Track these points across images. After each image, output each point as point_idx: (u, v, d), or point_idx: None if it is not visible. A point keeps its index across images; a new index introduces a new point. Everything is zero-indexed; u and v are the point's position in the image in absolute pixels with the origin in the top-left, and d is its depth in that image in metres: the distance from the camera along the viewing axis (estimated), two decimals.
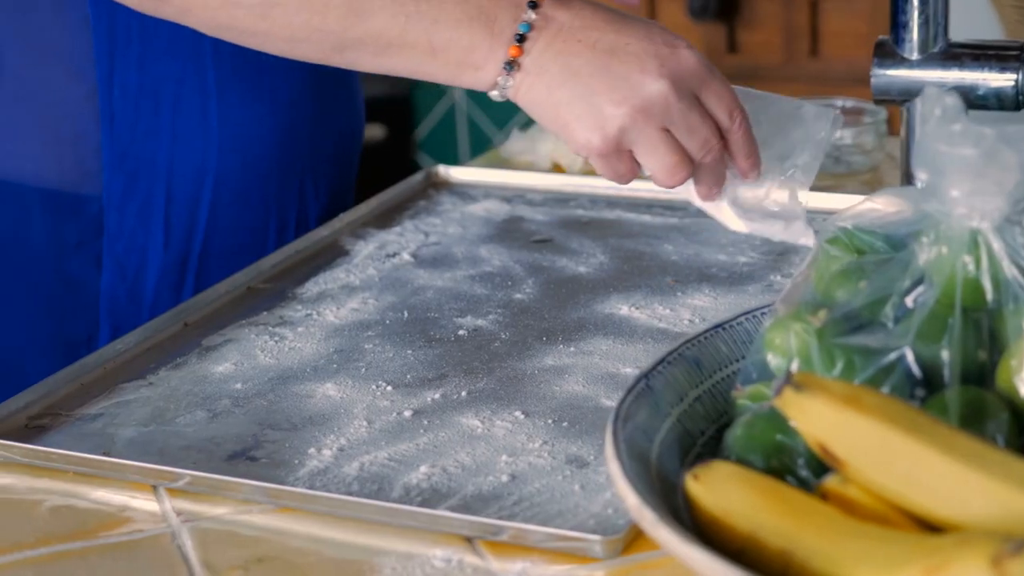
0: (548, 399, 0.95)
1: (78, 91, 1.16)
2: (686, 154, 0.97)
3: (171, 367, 1.03)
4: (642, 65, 0.94)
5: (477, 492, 0.85)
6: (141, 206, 1.20)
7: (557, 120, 0.96)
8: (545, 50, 0.95)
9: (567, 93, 0.95)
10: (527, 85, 0.96)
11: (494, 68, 0.95)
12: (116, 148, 1.17)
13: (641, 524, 0.67)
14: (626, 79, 0.94)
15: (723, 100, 0.98)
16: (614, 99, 0.94)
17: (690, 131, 0.96)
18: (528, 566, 0.78)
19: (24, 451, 0.91)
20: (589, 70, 0.95)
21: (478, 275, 1.16)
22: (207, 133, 1.20)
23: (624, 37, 0.95)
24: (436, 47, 0.96)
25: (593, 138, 0.95)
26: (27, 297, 1.20)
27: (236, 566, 0.80)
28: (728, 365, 0.83)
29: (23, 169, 1.17)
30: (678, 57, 0.95)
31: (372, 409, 0.95)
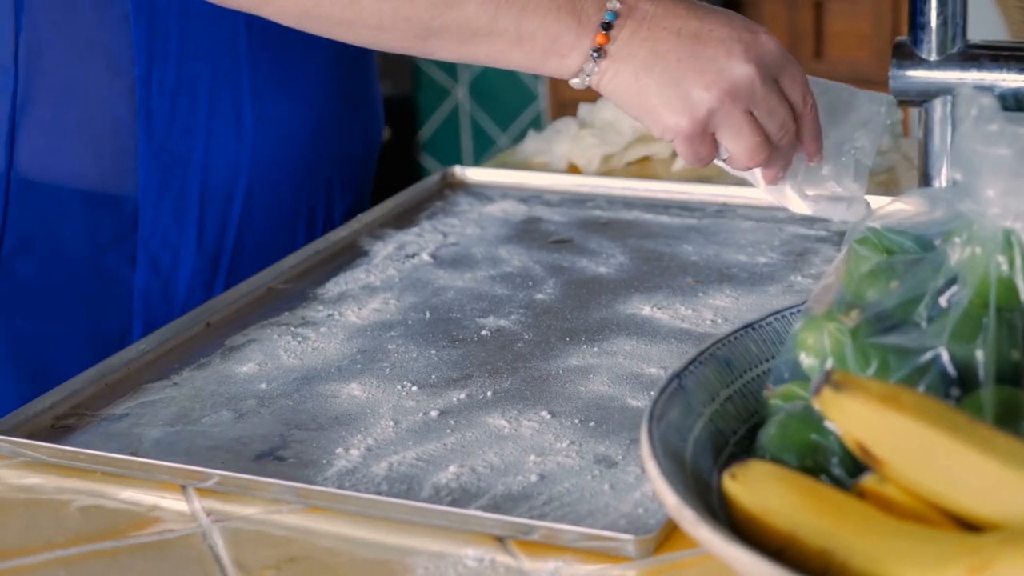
0: (574, 399, 0.95)
1: (116, 87, 1.17)
2: (766, 136, 1.00)
3: (195, 367, 1.03)
4: (728, 49, 0.98)
5: (507, 492, 0.85)
6: (176, 203, 1.20)
7: (643, 105, 0.99)
8: (631, 38, 0.97)
9: (654, 78, 0.97)
10: (612, 72, 0.98)
11: (580, 56, 0.98)
12: (152, 145, 1.18)
13: (681, 524, 0.67)
14: (713, 63, 0.97)
15: (798, 84, 1.01)
16: (703, 83, 0.97)
17: (771, 113, 0.99)
18: (560, 566, 0.79)
19: (52, 451, 0.91)
20: (676, 55, 0.97)
21: (498, 275, 1.16)
22: (241, 131, 1.21)
23: (707, 24, 0.98)
24: (523, 35, 0.98)
25: (682, 121, 0.98)
26: (63, 292, 1.21)
27: (268, 566, 0.80)
28: (758, 365, 0.83)
29: (61, 164, 1.18)
30: (760, 42, 0.99)
31: (398, 409, 0.95)
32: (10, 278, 1.19)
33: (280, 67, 1.22)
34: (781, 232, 1.22)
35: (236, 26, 1.19)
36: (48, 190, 1.18)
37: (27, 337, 1.21)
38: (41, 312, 1.21)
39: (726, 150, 1.01)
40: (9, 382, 1.21)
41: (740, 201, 1.29)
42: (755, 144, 1.00)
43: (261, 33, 1.21)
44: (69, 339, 1.22)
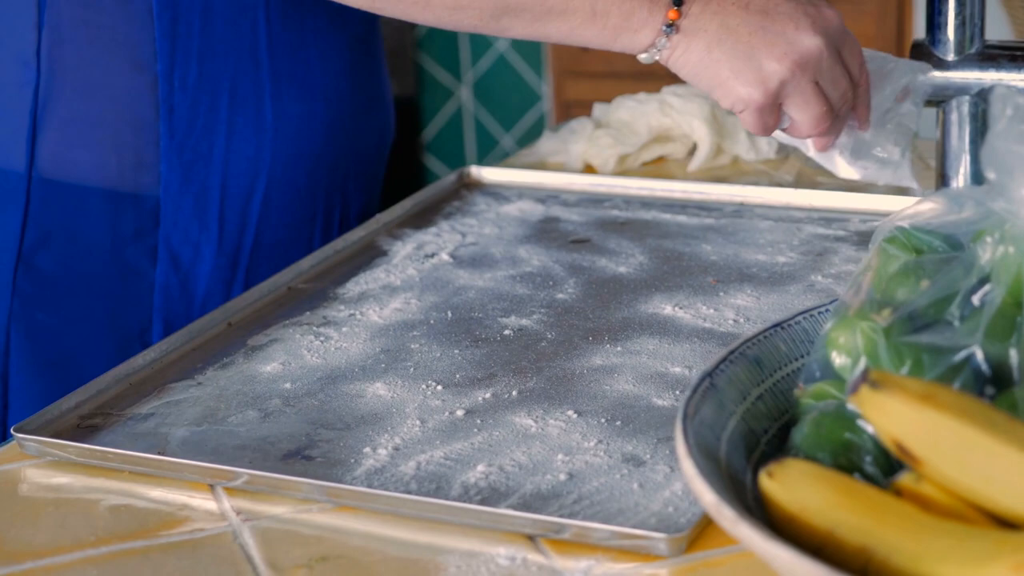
0: (599, 398, 0.95)
1: (139, 83, 1.17)
2: (831, 105, 1.05)
3: (218, 367, 1.03)
4: (796, 23, 1.02)
5: (536, 491, 0.85)
6: (197, 198, 1.21)
7: (715, 78, 1.03)
8: (702, 13, 1.02)
9: (726, 52, 1.02)
10: (684, 46, 1.02)
11: (652, 31, 1.01)
12: (174, 140, 1.19)
13: (720, 522, 0.67)
14: (783, 36, 1.02)
15: (856, 55, 1.07)
16: (774, 55, 1.02)
17: (834, 83, 1.05)
18: (592, 564, 0.79)
19: (80, 450, 0.91)
20: (747, 29, 1.02)
21: (519, 275, 1.16)
22: (261, 128, 1.21)
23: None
24: (597, 12, 1.01)
25: (755, 93, 1.03)
26: (83, 287, 1.21)
27: (300, 565, 0.80)
28: (788, 364, 0.84)
29: (83, 159, 1.18)
30: (824, 15, 1.04)
31: (424, 408, 0.95)
32: (31, 272, 1.20)
33: (299, 65, 1.23)
34: (799, 232, 1.22)
35: (257, 23, 1.20)
36: (70, 185, 1.19)
37: (48, 331, 1.21)
38: (62, 306, 1.21)
39: (789, 119, 1.06)
40: (29, 376, 1.21)
41: (757, 201, 1.29)
42: (821, 113, 1.05)
43: (281, 31, 1.21)
44: (89, 333, 1.22)
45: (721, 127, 1.41)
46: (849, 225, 1.23)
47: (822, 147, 1.11)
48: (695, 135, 1.40)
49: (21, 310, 1.20)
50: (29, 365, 1.21)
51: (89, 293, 1.22)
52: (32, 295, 1.20)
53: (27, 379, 1.22)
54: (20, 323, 1.21)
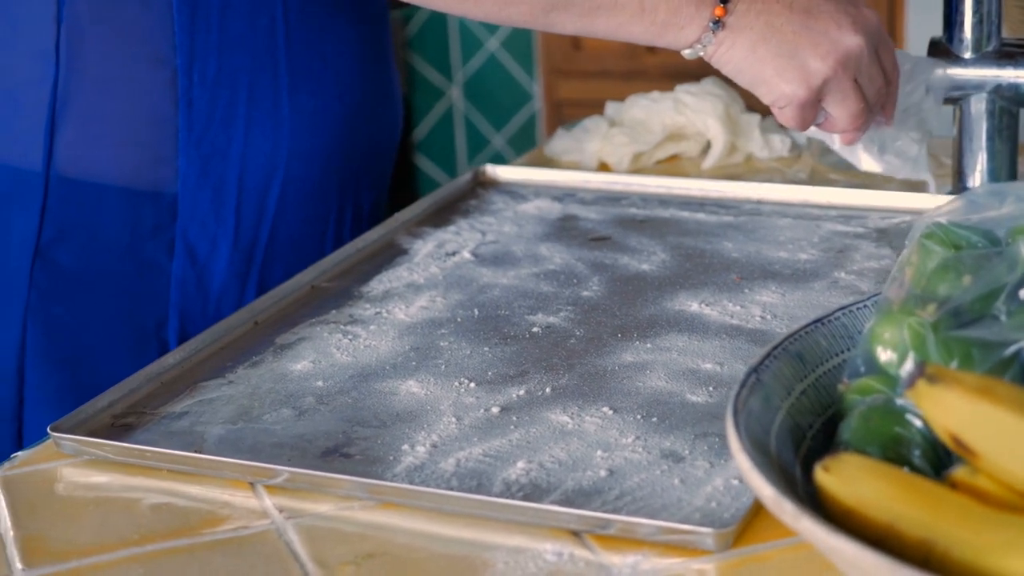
0: (633, 395, 0.96)
1: (158, 77, 1.17)
2: (867, 102, 1.08)
3: (248, 365, 1.03)
4: (838, 22, 1.05)
5: (577, 487, 0.85)
6: (214, 193, 1.21)
7: (759, 75, 1.06)
8: (747, 11, 1.04)
9: (771, 49, 1.04)
10: (729, 43, 1.04)
11: (698, 27, 1.04)
12: (192, 135, 1.19)
13: (780, 516, 0.68)
14: (826, 35, 1.05)
15: (890, 53, 1.10)
16: (818, 53, 1.05)
17: (871, 81, 1.08)
18: (639, 559, 0.79)
19: (118, 449, 0.91)
20: (791, 28, 1.04)
21: (542, 273, 1.17)
22: (279, 122, 1.22)
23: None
24: (645, 8, 1.03)
25: (799, 90, 1.06)
26: (101, 281, 1.21)
27: (347, 562, 0.80)
28: (829, 359, 0.84)
29: (101, 153, 1.18)
30: (864, 15, 1.07)
31: (459, 406, 0.95)
32: (48, 267, 1.20)
33: (315, 59, 1.23)
34: (819, 229, 1.23)
35: (275, 18, 1.20)
36: (88, 179, 1.19)
37: (64, 326, 1.21)
38: (78, 301, 1.21)
39: (825, 114, 1.09)
40: (46, 370, 1.21)
41: (775, 198, 1.30)
42: (859, 110, 1.08)
43: (298, 25, 1.22)
44: (106, 328, 1.22)
45: (735, 125, 1.42)
46: (867, 222, 1.24)
47: (849, 141, 1.13)
48: (709, 133, 1.41)
49: (38, 305, 1.20)
50: (45, 360, 1.21)
51: (106, 288, 1.22)
52: (49, 290, 1.20)
53: (43, 374, 1.22)
54: (37, 318, 1.20)
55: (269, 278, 1.26)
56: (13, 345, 1.21)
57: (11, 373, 1.22)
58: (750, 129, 1.42)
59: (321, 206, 1.29)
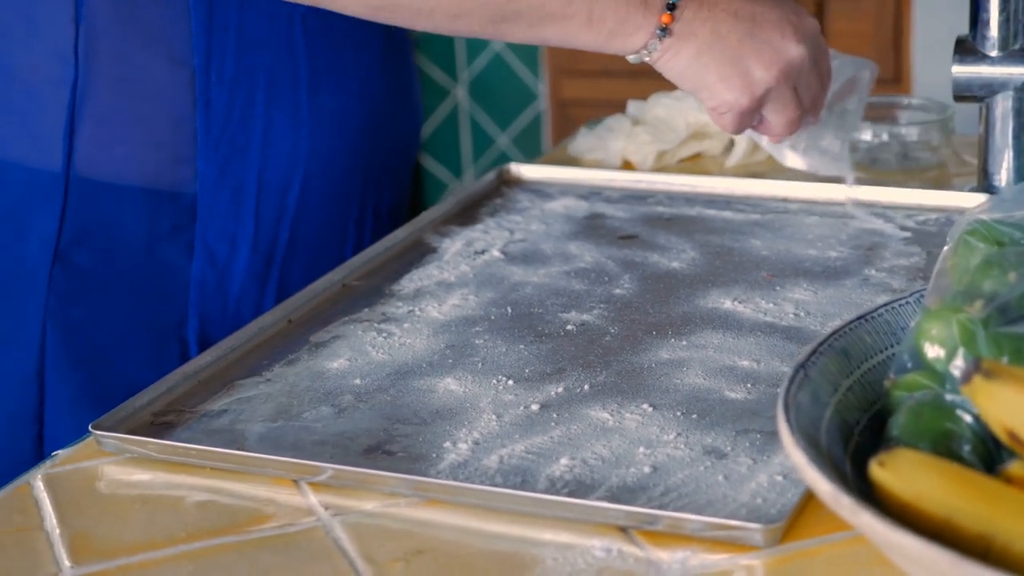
0: (672, 392, 0.96)
1: (176, 78, 1.17)
2: (803, 108, 1.10)
3: (284, 363, 1.03)
4: (782, 31, 1.06)
5: (622, 483, 0.85)
6: (233, 193, 1.21)
7: (702, 82, 1.07)
8: (694, 18, 1.05)
9: (715, 57, 1.05)
10: (674, 49, 1.05)
11: (646, 34, 1.05)
12: (211, 135, 1.19)
13: (838, 511, 0.68)
14: (770, 44, 1.06)
15: (826, 59, 1.12)
16: (762, 62, 1.06)
17: (808, 88, 1.10)
18: (688, 555, 0.79)
19: (161, 447, 0.91)
20: (736, 36, 1.05)
21: (572, 271, 1.17)
22: (297, 122, 1.22)
23: (758, 6, 1.07)
24: (593, 18, 1.04)
25: (741, 98, 1.07)
26: (120, 283, 1.21)
27: (396, 559, 0.80)
28: (873, 356, 0.84)
29: (120, 154, 1.18)
30: (805, 23, 1.08)
31: (498, 403, 0.96)
32: (67, 269, 1.20)
33: (335, 58, 1.23)
34: (846, 226, 1.23)
35: (293, 17, 1.20)
36: (107, 180, 1.19)
37: (84, 327, 1.21)
38: (98, 302, 1.21)
39: (760, 118, 1.10)
40: (65, 372, 1.21)
41: (800, 196, 1.30)
42: (796, 116, 1.10)
43: (316, 24, 1.22)
44: (125, 330, 1.22)
45: None
46: (895, 220, 1.24)
47: (777, 139, 1.15)
48: None
49: (57, 307, 1.20)
50: (65, 362, 1.21)
51: (125, 290, 1.22)
52: (68, 292, 1.20)
53: (63, 376, 1.22)
54: (56, 320, 1.20)
55: (289, 279, 1.26)
56: (33, 347, 1.21)
57: (31, 375, 1.22)
58: None
59: (341, 206, 1.29)
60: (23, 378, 1.22)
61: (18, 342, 1.22)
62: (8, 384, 1.23)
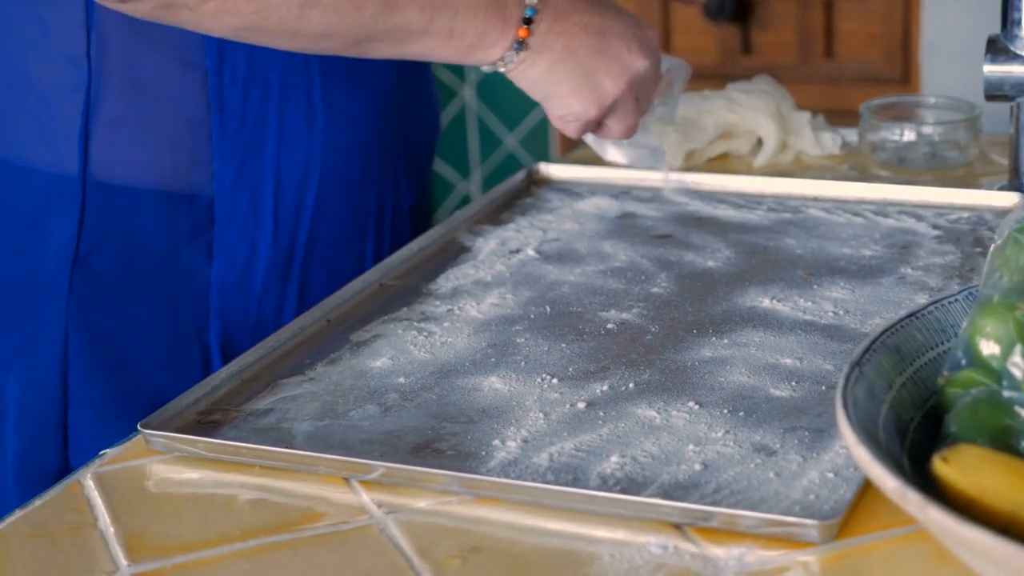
0: (716, 390, 0.96)
1: (188, 80, 1.17)
2: (641, 114, 1.17)
3: (326, 362, 1.03)
4: (629, 45, 1.12)
5: (673, 481, 0.86)
6: (251, 194, 1.21)
7: (553, 92, 1.12)
8: (548, 32, 1.09)
9: (567, 69, 1.10)
10: (529, 62, 1.10)
11: (503, 47, 1.09)
12: (226, 136, 1.19)
13: (905, 507, 0.68)
14: (618, 58, 1.12)
15: (659, 68, 1.18)
16: (611, 76, 1.12)
17: (647, 96, 1.16)
18: (744, 551, 0.80)
19: (211, 446, 0.91)
20: (587, 50, 1.10)
21: (608, 270, 1.17)
22: (312, 120, 1.21)
23: (606, 20, 1.12)
24: (454, 32, 1.08)
25: (590, 109, 1.13)
26: (140, 287, 1.21)
27: (453, 556, 0.81)
28: (924, 353, 0.85)
29: (136, 159, 1.18)
30: (648, 37, 1.14)
31: (544, 401, 0.96)
32: (88, 273, 1.20)
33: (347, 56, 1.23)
34: (879, 226, 1.24)
35: None
36: (124, 186, 1.19)
37: (105, 332, 1.21)
38: (118, 307, 1.21)
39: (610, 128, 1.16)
40: (88, 377, 1.21)
41: (831, 195, 1.31)
42: (635, 123, 1.16)
43: None
44: (147, 334, 1.22)
45: (786, 123, 1.42)
46: (927, 218, 1.25)
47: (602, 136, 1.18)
48: (761, 131, 1.41)
49: (78, 312, 1.20)
50: (88, 367, 1.21)
51: (145, 293, 1.22)
52: (89, 297, 1.20)
53: (86, 381, 1.22)
54: (78, 325, 1.20)
55: (310, 279, 1.26)
56: (56, 353, 1.21)
57: (55, 381, 1.22)
58: (801, 127, 1.42)
59: (360, 205, 1.28)
60: (47, 384, 1.22)
61: (42, 348, 1.22)
62: (33, 391, 1.23)
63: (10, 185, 1.22)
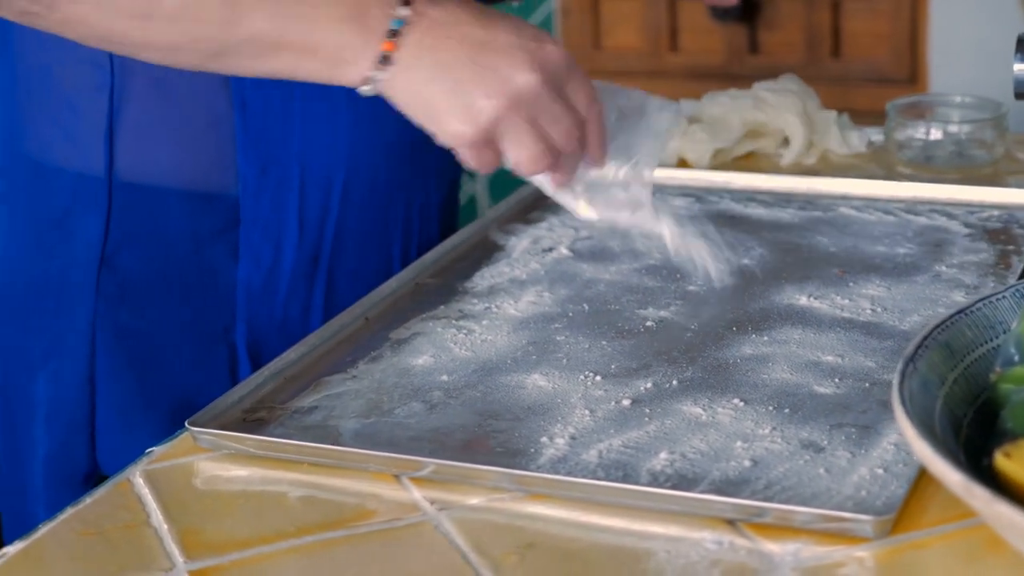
0: (760, 387, 0.97)
1: (210, 79, 1.17)
2: (549, 143, 0.99)
3: (368, 360, 1.04)
4: (512, 58, 0.97)
5: (724, 477, 0.86)
6: (275, 193, 1.21)
7: (429, 112, 0.98)
8: (417, 45, 0.97)
9: (439, 86, 0.97)
10: (400, 79, 0.98)
11: (367, 63, 0.97)
12: (250, 135, 1.19)
13: (970, 502, 0.69)
14: (496, 71, 0.97)
15: (583, 92, 1.00)
16: (486, 91, 0.97)
17: (555, 121, 0.99)
18: (800, 547, 0.80)
19: (260, 443, 0.92)
20: (460, 64, 0.97)
21: (643, 268, 1.17)
22: (336, 117, 1.21)
23: (493, 32, 0.98)
24: (312, 46, 0.97)
25: (466, 129, 0.98)
26: (166, 286, 1.21)
27: (509, 552, 0.81)
28: (974, 349, 0.85)
29: (160, 159, 1.18)
30: (545, 51, 0.98)
31: (589, 399, 0.96)
32: (115, 272, 1.20)
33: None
34: (911, 224, 1.24)
35: None
36: (149, 183, 1.19)
37: (132, 332, 1.22)
38: (145, 307, 1.21)
39: (509, 157, 1.00)
40: (115, 376, 1.22)
41: (860, 193, 1.31)
42: (538, 152, 0.99)
43: None
44: (173, 333, 1.22)
45: (813, 122, 1.43)
46: (958, 216, 1.25)
47: (559, 185, 1.04)
48: (788, 130, 1.42)
49: (106, 312, 1.21)
50: (115, 367, 1.22)
51: (171, 293, 1.22)
52: (116, 297, 1.21)
53: (113, 380, 1.22)
54: (105, 325, 1.21)
55: (337, 279, 1.26)
56: (84, 353, 1.21)
57: (84, 381, 1.22)
58: (827, 126, 1.43)
59: (388, 203, 1.28)
60: (76, 384, 1.22)
61: (70, 348, 1.22)
62: (62, 390, 1.23)
63: (39, 185, 1.22)
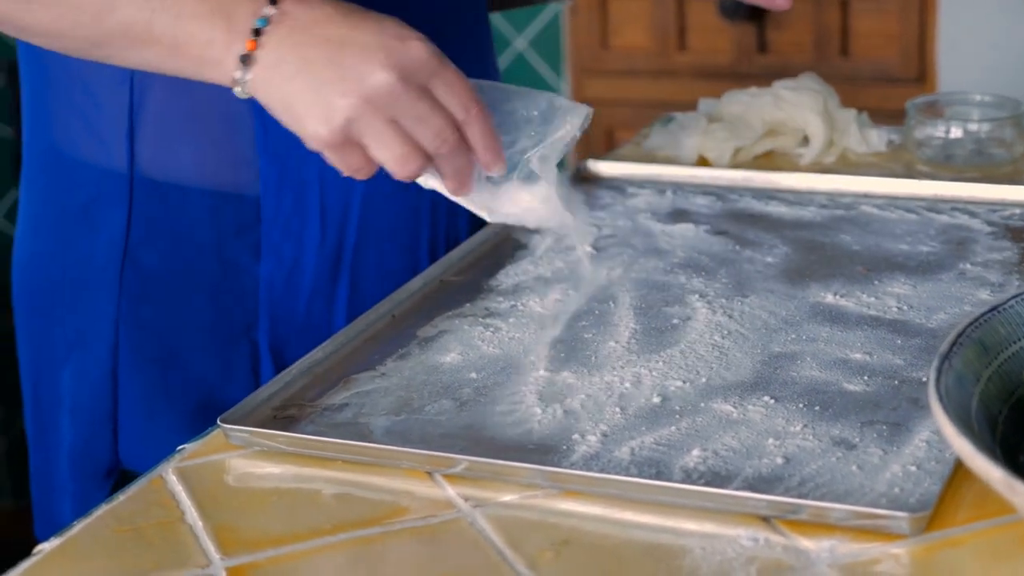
0: (790, 384, 0.97)
1: None
2: (417, 145, 0.97)
3: (396, 358, 1.04)
4: (368, 56, 0.95)
5: (757, 474, 0.86)
6: (296, 193, 1.21)
7: (291, 113, 0.97)
8: (280, 44, 0.96)
9: (299, 85, 0.96)
10: (264, 79, 0.96)
11: (232, 62, 0.96)
12: (269, 133, 1.19)
13: (1011, 498, 0.69)
14: (352, 70, 0.95)
15: (455, 92, 0.98)
16: (341, 90, 0.95)
17: (419, 121, 0.96)
18: (835, 544, 0.80)
19: (292, 440, 0.92)
20: (320, 62, 0.95)
21: (668, 266, 1.18)
22: None
23: (355, 30, 0.96)
24: (179, 42, 0.97)
25: (321, 130, 0.96)
26: (188, 282, 1.21)
27: (545, 548, 0.81)
28: (1008, 346, 0.85)
29: (181, 156, 1.19)
30: (406, 48, 0.96)
31: (619, 396, 0.96)
32: (137, 268, 1.20)
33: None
34: (933, 222, 1.24)
35: None
36: (170, 180, 1.19)
37: (155, 327, 1.22)
38: (167, 301, 1.22)
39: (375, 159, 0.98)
40: (137, 371, 1.22)
41: (881, 191, 1.31)
42: (403, 153, 0.97)
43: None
44: (195, 329, 1.22)
45: (833, 121, 1.43)
46: (980, 214, 1.25)
47: (453, 190, 1.03)
48: (808, 128, 1.42)
49: (128, 307, 1.21)
50: (137, 363, 1.22)
51: (194, 290, 1.22)
52: (138, 292, 1.21)
53: (135, 375, 1.22)
54: (128, 320, 1.21)
55: (361, 278, 1.25)
56: (107, 348, 1.21)
57: (106, 376, 1.22)
58: (847, 124, 1.43)
59: (412, 201, 1.28)
60: (99, 379, 1.22)
61: (93, 343, 1.22)
62: (86, 385, 1.23)
63: (63, 176, 1.23)
